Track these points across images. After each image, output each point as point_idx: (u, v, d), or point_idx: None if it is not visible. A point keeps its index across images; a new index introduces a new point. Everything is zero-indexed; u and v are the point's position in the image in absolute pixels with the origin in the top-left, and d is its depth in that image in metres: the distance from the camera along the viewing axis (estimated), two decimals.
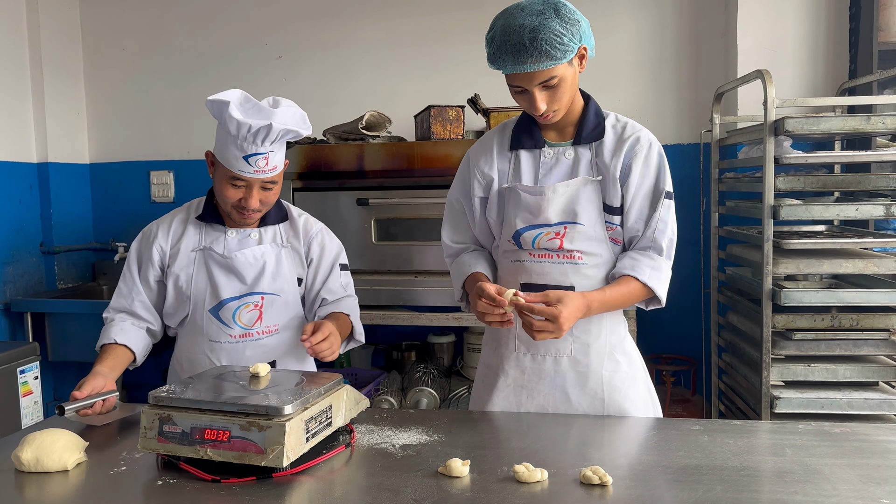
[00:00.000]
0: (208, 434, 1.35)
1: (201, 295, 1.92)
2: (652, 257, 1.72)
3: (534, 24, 1.57)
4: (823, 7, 3.11)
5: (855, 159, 2.65)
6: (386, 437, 1.59)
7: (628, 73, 3.48)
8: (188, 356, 1.97)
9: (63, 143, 3.94)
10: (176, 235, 1.96)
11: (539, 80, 1.62)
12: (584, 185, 1.73)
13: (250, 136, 1.76)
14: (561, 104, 1.68)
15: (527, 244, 1.77)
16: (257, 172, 1.80)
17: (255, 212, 1.88)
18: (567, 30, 1.59)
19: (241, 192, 1.84)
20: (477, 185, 1.84)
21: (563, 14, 1.60)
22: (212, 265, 1.92)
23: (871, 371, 2.51)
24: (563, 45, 1.58)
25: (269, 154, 1.80)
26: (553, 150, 1.78)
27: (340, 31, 3.75)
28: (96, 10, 4.05)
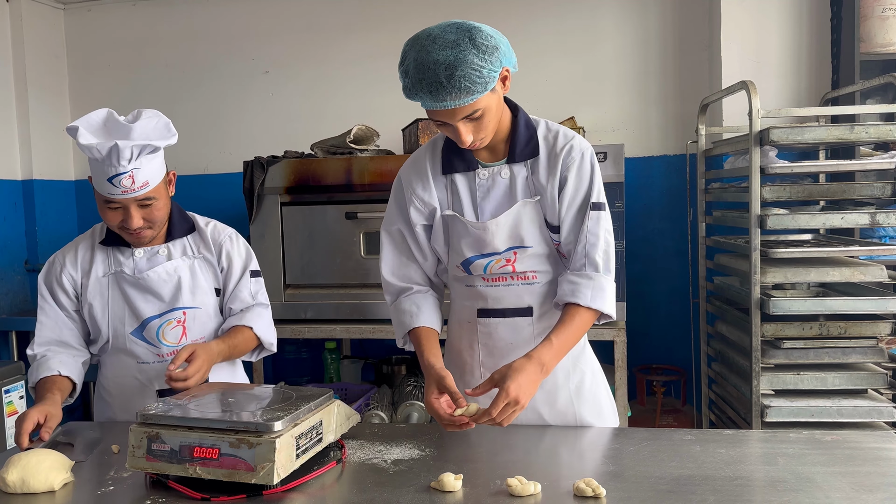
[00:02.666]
0: (197, 452, 1.33)
1: (119, 319, 1.88)
2: (590, 276, 1.67)
3: (449, 59, 1.47)
4: (806, 19, 3.15)
5: (839, 168, 2.68)
6: (377, 453, 1.57)
7: (614, 85, 3.51)
8: (116, 381, 1.92)
9: (48, 160, 3.91)
10: (84, 263, 1.91)
11: (461, 115, 1.54)
12: (523, 207, 1.69)
13: (105, 157, 1.69)
14: (487, 132, 1.61)
15: (478, 271, 1.73)
16: (126, 192, 1.73)
17: (142, 230, 1.81)
18: (486, 60, 1.49)
19: (119, 213, 1.78)
20: (417, 213, 1.76)
21: (479, 43, 1.49)
22: (125, 287, 1.87)
23: (860, 379, 2.52)
24: (482, 78, 1.49)
25: (132, 172, 1.72)
26: (488, 171, 1.72)
27: (327, 46, 3.76)
28: (82, 27, 4.04)
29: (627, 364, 2.80)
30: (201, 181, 3.93)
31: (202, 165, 3.93)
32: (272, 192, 3.00)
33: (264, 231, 3.02)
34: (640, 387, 3.30)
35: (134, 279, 1.86)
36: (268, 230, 3.02)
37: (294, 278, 3.02)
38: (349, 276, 3.01)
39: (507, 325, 1.75)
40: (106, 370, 1.95)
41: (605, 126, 3.50)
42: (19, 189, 3.79)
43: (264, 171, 3.00)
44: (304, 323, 2.97)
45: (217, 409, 1.45)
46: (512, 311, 1.74)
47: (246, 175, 3.03)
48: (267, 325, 1.98)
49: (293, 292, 2.99)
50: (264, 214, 3.01)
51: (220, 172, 3.88)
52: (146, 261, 1.89)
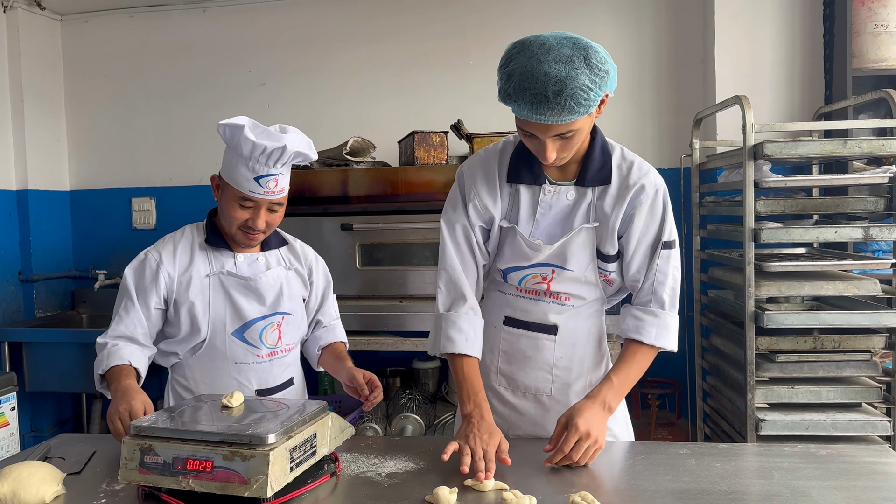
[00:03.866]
0: (191, 464, 1.33)
1: (221, 319, 1.91)
2: (656, 314, 1.71)
3: (561, 74, 1.43)
4: (799, 34, 3.18)
5: (833, 183, 2.69)
6: (372, 466, 1.57)
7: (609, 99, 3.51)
8: (209, 382, 1.94)
9: (43, 171, 3.91)
10: (183, 261, 1.92)
11: (556, 132, 1.51)
12: (578, 233, 1.67)
13: (263, 157, 1.79)
14: (571, 152, 1.58)
15: (513, 281, 1.75)
16: (267, 193, 1.84)
17: (260, 233, 1.90)
18: (595, 83, 1.46)
19: (248, 213, 1.86)
20: (475, 215, 1.72)
21: (593, 64, 1.46)
22: (231, 288, 1.92)
23: (854, 392, 2.52)
24: (588, 101, 1.46)
25: (279, 176, 1.84)
26: (554, 189, 1.68)
27: (323, 58, 3.77)
28: (78, 38, 4.05)
29: None
30: (197, 192, 3.93)
31: (198, 177, 3.93)
32: None
33: None
34: (636, 400, 3.29)
35: (243, 281, 1.92)
36: None
37: None
38: (345, 287, 3.00)
39: (529, 339, 1.77)
40: (194, 371, 1.96)
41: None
42: (13, 199, 3.78)
43: None
44: None
45: (210, 421, 1.44)
46: (536, 325, 1.75)
47: None
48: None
49: None
50: None
51: None
52: (247, 265, 1.96)
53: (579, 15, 3.53)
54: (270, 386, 2.00)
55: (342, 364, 2.02)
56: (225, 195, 1.89)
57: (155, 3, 3.89)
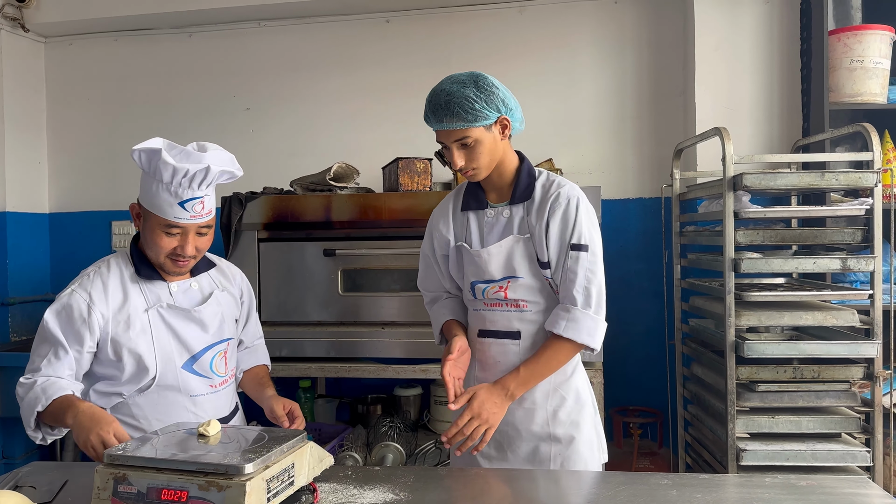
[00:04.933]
0: (165, 494, 1.30)
1: (168, 354, 1.85)
2: (568, 309, 1.86)
3: (452, 90, 1.81)
4: (777, 68, 3.24)
5: (811, 214, 2.73)
6: (350, 496, 1.55)
7: (591, 129, 3.56)
8: (162, 418, 1.84)
9: (22, 193, 3.87)
10: (117, 299, 1.83)
11: (454, 137, 1.83)
12: (515, 242, 1.91)
13: (186, 180, 1.73)
14: (479, 164, 1.86)
15: (479, 295, 1.97)
16: (194, 217, 1.79)
17: (190, 259, 1.84)
18: (480, 97, 1.80)
19: (175, 240, 1.80)
20: (437, 245, 2.05)
21: (480, 84, 1.82)
22: (173, 321, 1.86)
23: (834, 422, 2.53)
24: (474, 111, 1.79)
25: (204, 198, 1.79)
26: (494, 211, 1.97)
27: (308, 84, 3.79)
28: (62, 60, 4.04)
29: (604, 406, 2.79)
30: None
31: None
32: (250, 228, 2.99)
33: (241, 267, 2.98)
34: (617, 429, 3.29)
35: (186, 312, 1.87)
36: (245, 266, 2.98)
37: (270, 315, 2.99)
38: (326, 313, 2.99)
39: (497, 346, 1.95)
40: (143, 409, 1.87)
41: (583, 168, 3.55)
42: None
43: (242, 206, 2.99)
44: (278, 361, 2.92)
45: (186, 450, 1.41)
46: (503, 333, 1.95)
47: (223, 210, 3.02)
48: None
49: (269, 330, 2.94)
50: (241, 250, 2.99)
51: None
52: (182, 294, 1.91)
53: (562, 47, 3.58)
54: (225, 415, 1.96)
55: (263, 391, 2.00)
56: (148, 224, 1.81)
57: (140, 26, 3.90)
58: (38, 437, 1.76)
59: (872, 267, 2.51)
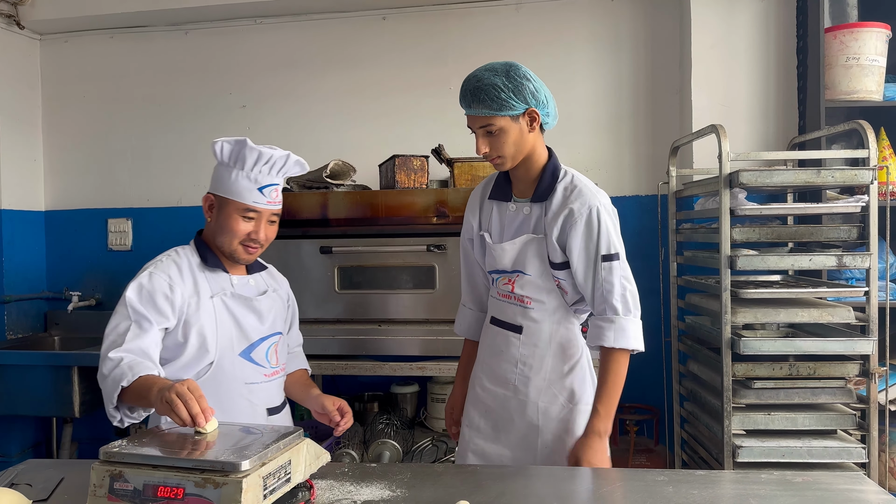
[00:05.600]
0: (161, 492, 1.30)
1: (228, 340, 1.91)
2: (611, 320, 1.89)
3: (483, 76, 1.85)
4: (773, 66, 3.25)
5: (807, 211, 2.73)
6: (347, 493, 1.55)
7: (587, 127, 3.56)
8: (217, 405, 1.77)
9: (18, 191, 3.86)
10: (189, 283, 1.90)
11: (479, 123, 1.88)
12: (528, 241, 1.96)
13: (266, 167, 1.87)
14: (504, 153, 1.89)
15: (494, 283, 2.08)
16: (270, 203, 1.91)
17: (260, 246, 1.94)
18: (507, 87, 1.83)
19: (251, 224, 1.90)
20: (466, 229, 2.16)
21: (510, 74, 1.85)
22: (236, 309, 1.93)
23: (830, 419, 2.54)
24: (499, 99, 1.83)
25: (278, 186, 1.93)
26: (516, 205, 2.01)
27: (304, 82, 3.78)
28: (58, 58, 4.03)
29: None
30: (175, 214, 3.90)
31: (175, 198, 3.90)
32: None
33: None
34: (614, 426, 3.29)
35: (248, 301, 1.95)
36: None
37: None
38: (323, 311, 2.98)
39: (502, 335, 2.05)
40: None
41: (579, 166, 3.52)
42: None
43: None
44: None
45: (183, 447, 1.41)
46: (507, 325, 2.04)
47: None
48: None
49: None
50: None
51: (194, 205, 3.86)
52: (242, 286, 1.99)
53: (559, 44, 3.58)
54: (276, 405, 2.02)
55: (309, 392, 2.05)
56: (225, 211, 1.91)
57: (136, 24, 3.89)
58: (117, 419, 1.74)
59: (868, 264, 2.52)
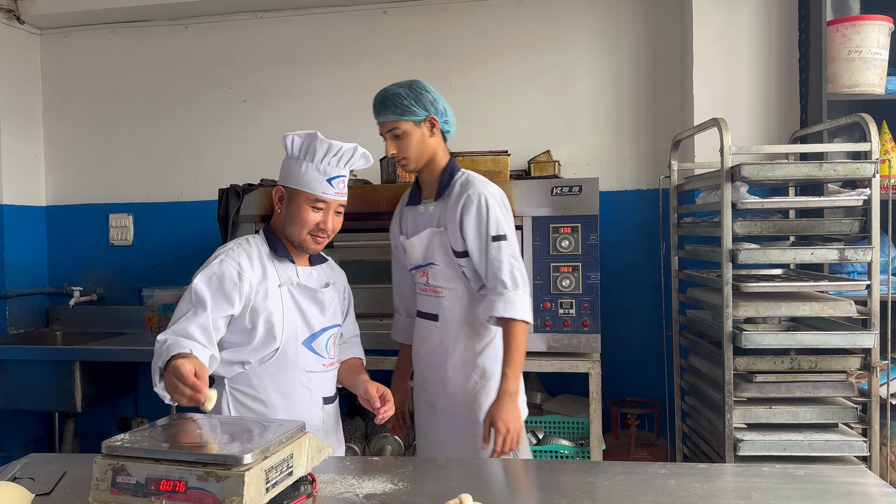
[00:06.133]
0: (164, 485, 1.30)
1: (293, 328, 1.97)
2: (501, 293, 2.12)
3: (389, 88, 2.18)
4: (775, 59, 3.24)
5: (809, 205, 2.73)
6: (349, 487, 1.55)
7: (589, 121, 3.56)
8: (280, 390, 1.98)
9: (19, 186, 3.86)
10: (258, 271, 1.95)
11: (387, 128, 2.18)
12: (432, 235, 2.22)
13: (335, 158, 1.95)
14: (409, 154, 2.19)
15: (414, 279, 2.34)
16: (337, 194, 1.98)
17: (327, 236, 2.00)
18: (409, 95, 2.15)
19: (319, 215, 1.97)
20: (393, 239, 2.42)
21: (413, 87, 2.18)
22: (301, 299, 1.99)
23: (831, 413, 2.54)
24: (402, 105, 2.14)
25: (345, 178, 2.00)
26: (424, 206, 2.29)
27: (305, 76, 3.77)
28: (58, 53, 4.03)
29: (602, 397, 2.80)
30: (176, 209, 3.90)
31: (176, 193, 3.90)
32: (247, 220, 2.99)
33: None
34: (615, 420, 3.29)
35: (312, 292, 2.02)
36: None
37: None
38: None
39: (426, 325, 2.31)
40: (262, 380, 1.98)
41: (581, 160, 3.55)
42: None
43: (240, 198, 2.99)
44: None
45: (185, 440, 1.41)
46: (427, 314, 2.30)
47: (221, 202, 3.01)
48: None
49: None
50: None
51: (195, 200, 3.85)
52: (307, 277, 2.05)
53: (560, 39, 3.57)
54: (330, 395, 2.09)
55: (358, 377, 2.07)
56: (295, 202, 1.97)
57: (136, 18, 3.88)
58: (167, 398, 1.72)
59: (870, 257, 2.51)
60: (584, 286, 2.79)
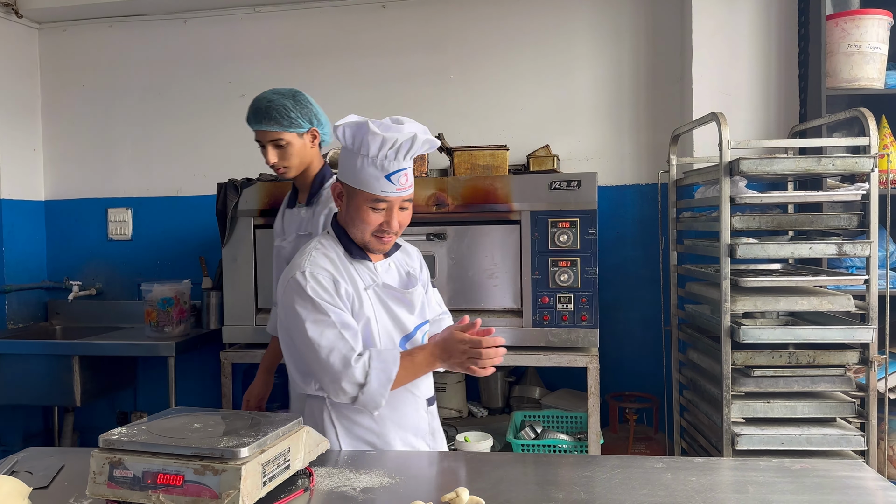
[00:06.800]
0: (161, 479, 1.31)
1: (388, 332, 1.85)
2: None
3: (273, 98, 2.22)
4: (774, 54, 3.23)
5: (807, 199, 2.72)
6: (346, 480, 1.55)
7: (588, 116, 3.55)
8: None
9: (17, 180, 3.86)
10: (346, 278, 1.82)
11: (270, 138, 2.23)
12: (298, 239, 2.30)
13: (392, 151, 1.72)
14: (290, 164, 2.26)
15: None
16: (400, 190, 1.77)
17: (393, 235, 1.83)
18: (296, 109, 2.22)
19: (381, 215, 1.78)
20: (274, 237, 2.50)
21: (297, 99, 2.25)
22: (388, 300, 1.86)
23: (829, 407, 2.54)
24: (289, 118, 2.20)
25: (407, 170, 1.78)
26: (298, 209, 2.38)
27: (303, 71, 3.77)
28: (56, 46, 4.02)
29: (600, 391, 2.80)
30: (175, 203, 3.90)
31: (175, 187, 3.90)
32: (246, 215, 2.99)
33: (237, 254, 3.00)
34: (613, 414, 3.30)
35: (398, 292, 1.88)
36: (240, 253, 3.00)
37: (266, 302, 2.99)
38: None
39: None
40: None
41: (579, 155, 3.55)
42: None
43: (238, 193, 2.98)
44: None
45: (182, 434, 1.42)
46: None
47: (219, 197, 3.01)
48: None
49: (265, 316, 2.95)
50: (237, 237, 2.99)
51: (194, 195, 3.85)
52: (385, 273, 1.91)
53: (559, 33, 3.56)
54: (431, 395, 1.99)
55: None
56: (353, 202, 1.80)
57: (135, 12, 3.88)
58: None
59: (868, 252, 2.51)
60: (582, 281, 2.79)
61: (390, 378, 1.72)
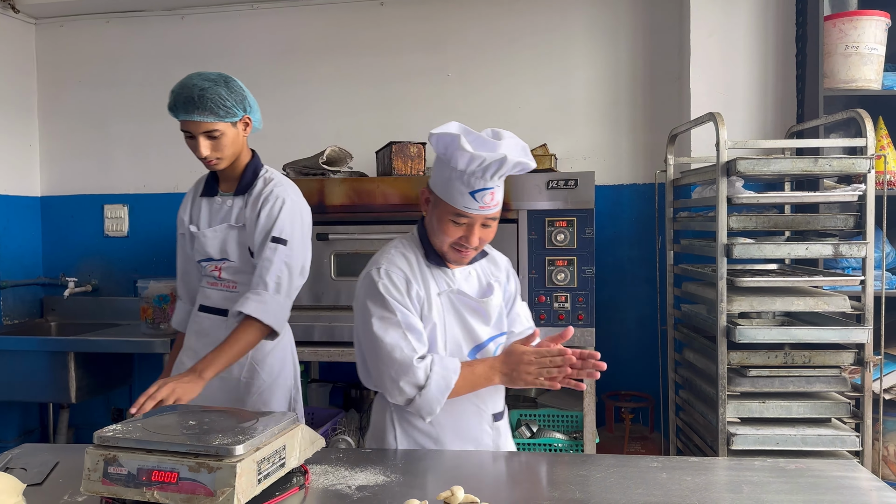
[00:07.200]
0: (155, 476, 1.30)
1: (456, 340, 1.82)
2: (259, 293, 2.06)
3: (204, 86, 2.04)
4: (772, 54, 3.23)
5: (804, 200, 2.73)
6: (342, 478, 1.55)
7: (585, 115, 3.55)
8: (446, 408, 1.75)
9: (13, 176, 3.85)
10: (420, 279, 1.81)
11: (203, 129, 2.06)
12: (229, 230, 2.19)
13: (480, 170, 1.68)
14: (223, 155, 2.11)
15: (202, 272, 2.27)
16: (483, 209, 1.72)
17: (472, 250, 1.79)
18: (230, 97, 2.06)
19: (461, 229, 1.75)
20: (179, 226, 2.33)
21: (230, 85, 2.08)
22: (461, 308, 1.83)
23: (824, 407, 2.55)
24: (224, 108, 2.05)
25: (495, 189, 1.73)
26: (222, 198, 2.24)
27: (302, 68, 3.76)
28: (53, 42, 4.00)
29: (596, 390, 2.80)
30: (172, 200, 3.88)
31: (172, 184, 3.89)
32: None
33: None
34: (609, 413, 3.30)
35: (474, 301, 1.83)
36: None
37: None
38: (319, 297, 2.98)
39: (209, 320, 2.23)
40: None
41: (577, 154, 3.55)
42: None
43: None
44: None
45: (177, 431, 1.41)
46: (214, 309, 2.22)
47: None
48: None
49: None
50: None
51: None
52: (465, 281, 1.87)
53: (557, 32, 3.56)
54: (499, 410, 1.92)
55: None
56: (437, 211, 1.77)
57: (132, 8, 3.86)
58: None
59: (864, 253, 2.52)
60: (579, 280, 2.79)
61: (449, 386, 1.70)
